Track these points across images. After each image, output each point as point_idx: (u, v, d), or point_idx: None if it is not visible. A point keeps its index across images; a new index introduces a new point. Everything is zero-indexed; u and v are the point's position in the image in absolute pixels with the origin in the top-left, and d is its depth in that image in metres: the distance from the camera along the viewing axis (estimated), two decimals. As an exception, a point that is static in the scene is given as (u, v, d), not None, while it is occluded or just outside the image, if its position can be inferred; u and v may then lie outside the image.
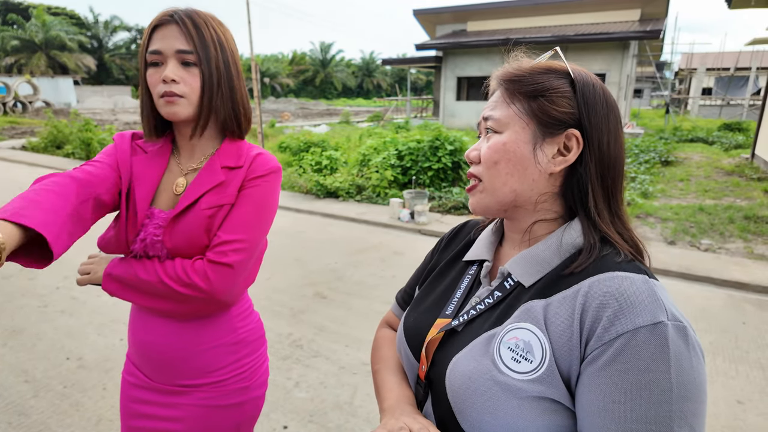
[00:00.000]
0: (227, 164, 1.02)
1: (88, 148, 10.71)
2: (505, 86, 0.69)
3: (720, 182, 7.76)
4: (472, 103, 17.27)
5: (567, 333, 0.58)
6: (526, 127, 0.66)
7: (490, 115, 0.69)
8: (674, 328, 0.54)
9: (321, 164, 8.02)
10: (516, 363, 0.59)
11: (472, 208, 0.73)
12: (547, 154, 0.66)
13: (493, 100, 0.71)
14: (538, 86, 0.66)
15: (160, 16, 0.97)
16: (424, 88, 54.64)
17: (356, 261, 4.54)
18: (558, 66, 0.68)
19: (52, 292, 3.70)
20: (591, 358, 0.56)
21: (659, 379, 0.52)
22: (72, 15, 41.84)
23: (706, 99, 24.60)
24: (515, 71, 0.69)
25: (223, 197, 1.00)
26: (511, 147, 0.66)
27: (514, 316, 0.63)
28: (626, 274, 0.59)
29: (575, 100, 0.65)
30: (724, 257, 4.54)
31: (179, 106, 0.97)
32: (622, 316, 0.55)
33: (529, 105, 0.66)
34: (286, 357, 2.82)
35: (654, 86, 31.37)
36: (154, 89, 0.97)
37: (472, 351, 0.64)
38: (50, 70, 34.43)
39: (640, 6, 16.17)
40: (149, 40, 0.97)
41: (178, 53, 0.95)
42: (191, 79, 0.97)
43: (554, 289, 0.63)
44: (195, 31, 0.96)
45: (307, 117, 26.31)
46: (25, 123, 18.63)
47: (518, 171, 0.66)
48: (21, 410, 2.31)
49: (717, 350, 2.95)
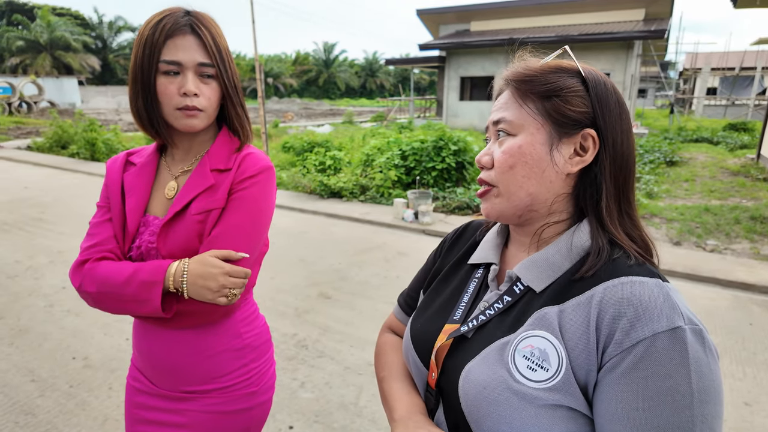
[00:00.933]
0: (217, 167, 1.01)
1: (92, 148, 10.75)
2: (515, 86, 0.67)
3: (725, 182, 7.72)
4: (476, 104, 17.25)
5: (583, 340, 0.58)
6: (541, 128, 0.65)
7: (502, 117, 0.67)
8: (692, 332, 0.54)
9: (325, 164, 8.02)
10: (532, 372, 0.59)
11: (486, 213, 0.71)
12: (563, 155, 0.65)
13: (502, 102, 0.69)
14: (551, 86, 0.64)
15: (173, 23, 0.93)
16: (427, 88, 54.58)
17: (360, 261, 4.54)
18: (568, 65, 0.67)
19: (57, 291, 3.72)
20: (610, 365, 0.55)
21: (680, 385, 0.52)
22: (76, 15, 42.01)
23: (711, 99, 24.49)
24: (525, 71, 0.67)
25: (212, 201, 0.98)
26: (527, 149, 0.65)
27: (527, 324, 0.62)
28: (639, 278, 0.58)
29: (589, 99, 0.64)
30: (730, 258, 4.51)
31: (198, 120, 0.98)
32: (639, 323, 0.54)
33: (543, 105, 0.65)
34: (292, 357, 2.83)
35: (658, 86, 31.27)
36: (169, 100, 0.95)
37: (486, 359, 0.63)
38: (55, 70, 34.57)
39: (644, 6, 16.11)
40: (163, 46, 0.93)
41: (199, 66, 0.95)
42: (210, 92, 0.97)
43: (567, 295, 0.62)
44: (214, 43, 0.96)
45: (310, 117, 26.33)
46: (30, 123, 18.72)
47: (535, 174, 0.65)
48: (28, 410, 2.32)
49: (724, 351, 2.93)
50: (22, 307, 3.45)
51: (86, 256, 0.98)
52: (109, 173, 1.08)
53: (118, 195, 1.04)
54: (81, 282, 0.95)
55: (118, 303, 0.93)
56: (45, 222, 5.70)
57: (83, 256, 0.98)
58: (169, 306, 0.94)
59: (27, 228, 5.43)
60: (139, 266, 0.93)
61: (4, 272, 4.09)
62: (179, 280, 0.90)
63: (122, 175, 1.06)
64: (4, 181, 8.25)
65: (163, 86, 0.95)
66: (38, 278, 3.97)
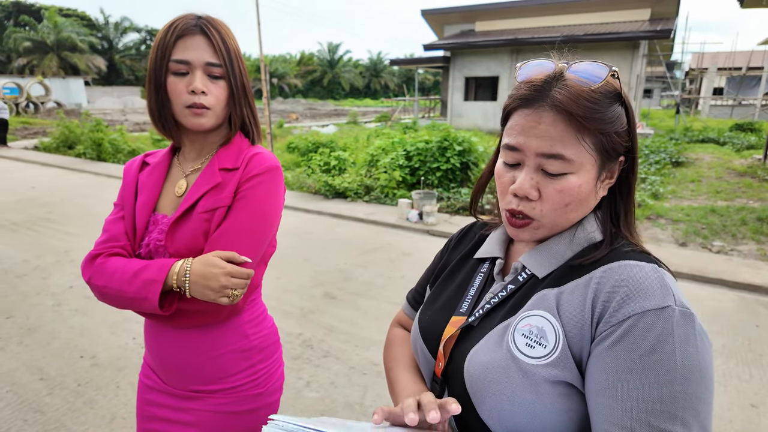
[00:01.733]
0: (225, 165, 1.03)
1: (98, 148, 10.83)
2: (572, 117, 0.60)
3: (732, 183, 7.67)
4: (480, 104, 17.23)
5: (579, 317, 0.60)
6: (596, 163, 0.64)
7: (561, 153, 0.61)
8: (681, 313, 0.56)
9: (329, 165, 8.04)
10: (530, 348, 0.61)
11: (520, 239, 0.71)
12: (602, 181, 0.67)
13: (551, 129, 0.60)
14: (612, 124, 0.62)
15: (184, 24, 0.97)
16: (431, 88, 54.57)
17: (365, 261, 4.55)
18: (612, 87, 0.63)
19: (65, 291, 3.75)
20: (600, 338, 0.58)
21: (663, 360, 0.53)
22: (83, 16, 42.31)
23: (718, 99, 24.34)
24: (587, 100, 0.60)
25: (218, 200, 0.99)
26: (585, 189, 0.64)
27: (527, 305, 0.65)
28: (637, 262, 0.61)
29: (629, 129, 0.65)
30: (736, 259, 4.49)
31: (206, 118, 0.99)
32: (631, 300, 0.57)
33: (599, 141, 0.62)
34: (297, 357, 2.84)
35: (664, 86, 31.09)
36: (178, 98, 0.98)
37: (488, 342, 0.66)
38: (61, 71, 34.85)
39: (650, 5, 16.04)
40: (173, 47, 0.96)
41: (207, 66, 0.97)
42: (218, 91, 0.99)
43: (567, 279, 0.64)
44: (222, 44, 0.98)
45: (314, 117, 26.39)
46: (37, 123, 18.87)
47: (583, 206, 0.67)
48: (36, 407, 2.35)
49: (730, 353, 2.92)
50: (31, 306, 3.48)
51: (99, 251, 1.01)
52: (127, 174, 1.11)
53: (131, 194, 1.07)
54: (91, 275, 0.98)
55: (120, 299, 0.95)
56: (52, 222, 5.75)
57: (96, 250, 1.01)
58: (168, 304, 0.95)
59: (35, 228, 5.48)
60: (144, 264, 0.95)
61: (12, 271, 4.13)
62: (182, 279, 0.92)
63: (137, 175, 1.09)
64: (12, 181, 8.32)
65: (173, 85, 0.97)
66: (46, 277, 4.01)
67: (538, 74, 0.64)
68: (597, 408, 0.56)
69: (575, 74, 0.62)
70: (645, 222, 5.75)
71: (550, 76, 0.63)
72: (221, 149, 1.05)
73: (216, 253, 0.93)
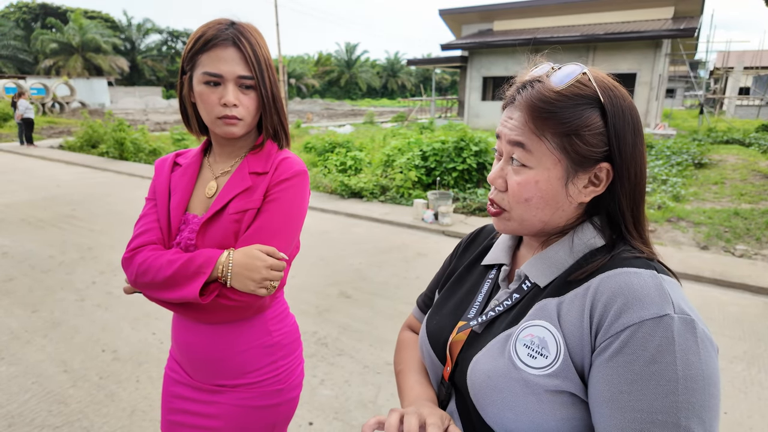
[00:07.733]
0: (255, 170, 1.06)
1: (121, 148, 11.07)
2: (532, 115, 0.64)
3: (757, 186, 7.47)
4: (498, 104, 16.94)
5: (578, 328, 0.60)
6: (558, 163, 0.64)
7: (519, 141, 0.65)
8: (681, 321, 0.55)
9: (345, 165, 8.08)
10: (532, 359, 0.61)
11: (498, 230, 0.74)
12: (577, 186, 0.66)
13: (517, 123, 0.65)
14: (570, 125, 0.62)
15: (213, 34, 0.98)
16: (448, 88, 54.34)
17: (380, 261, 4.57)
18: (587, 90, 0.63)
19: (88, 286, 3.86)
20: (599, 349, 0.58)
21: (664, 371, 0.53)
22: (107, 18, 43.28)
23: (744, 99, 23.71)
24: (543, 101, 0.63)
25: (248, 202, 1.03)
26: (543, 185, 0.65)
27: (528, 315, 0.66)
28: (634, 269, 0.60)
29: (607, 136, 0.63)
30: (760, 263, 4.38)
31: (237, 128, 1.03)
32: (628, 309, 0.56)
33: (561, 141, 0.63)
34: (312, 355, 2.87)
35: (687, 86, 30.43)
36: (211, 108, 1.01)
37: (491, 350, 0.66)
38: (86, 71, 35.71)
39: (673, 3, 15.70)
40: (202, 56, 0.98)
41: (240, 78, 0.99)
42: (249, 102, 1.02)
43: (567, 288, 0.65)
44: (254, 56, 1.00)
45: (331, 117, 26.52)
46: (62, 123, 19.38)
47: (549, 205, 0.67)
48: (60, 399, 2.42)
49: (752, 359, 2.85)
50: (55, 300, 3.59)
51: (139, 243, 1.04)
52: (158, 173, 1.15)
53: (165, 194, 1.10)
54: (137, 268, 1.00)
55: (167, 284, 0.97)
56: (76, 219, 5.90)
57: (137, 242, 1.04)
58: (209, 293, 0.97)
59: (59, 225, 5.63)
60: (196, 253, 0.98)
61: (38, 267, 4.26)
62: (226, 269, 0.95)
63: (170, 176, 1.13)
64: (39, 179, 8.57)
65: (206, 95, 1.00)
66: (70, 273, 4.12)
67: (528, 76, 0.68)
68: (600, 418, 0.57)
69: (552, 77, 0.65)
70: (665, 225, 5.64)
71: (531, 78, 0.67)
72: (251, 153, 1.08)
73: (257, 247, 0.97)
